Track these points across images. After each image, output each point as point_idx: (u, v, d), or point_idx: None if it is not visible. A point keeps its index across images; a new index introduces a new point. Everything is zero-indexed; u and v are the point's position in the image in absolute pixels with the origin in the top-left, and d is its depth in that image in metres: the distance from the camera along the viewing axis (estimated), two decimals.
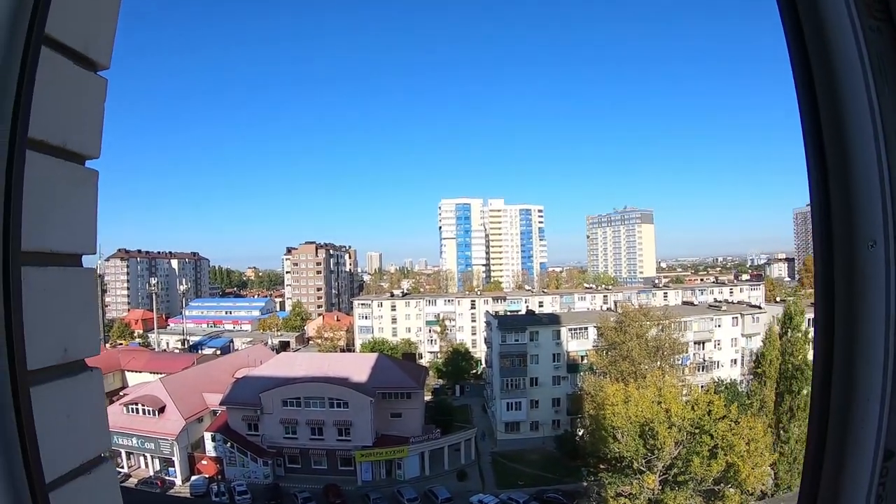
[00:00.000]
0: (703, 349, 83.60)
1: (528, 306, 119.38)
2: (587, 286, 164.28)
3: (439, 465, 68.62)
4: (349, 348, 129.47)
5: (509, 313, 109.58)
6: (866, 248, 2.13)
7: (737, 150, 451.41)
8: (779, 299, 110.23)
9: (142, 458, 68.70)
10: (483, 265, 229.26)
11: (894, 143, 2.08)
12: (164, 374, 78.08)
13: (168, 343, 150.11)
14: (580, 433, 70.99)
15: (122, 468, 66.67)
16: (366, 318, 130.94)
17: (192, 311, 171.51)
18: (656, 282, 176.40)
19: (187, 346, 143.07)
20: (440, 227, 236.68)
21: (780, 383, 58.75)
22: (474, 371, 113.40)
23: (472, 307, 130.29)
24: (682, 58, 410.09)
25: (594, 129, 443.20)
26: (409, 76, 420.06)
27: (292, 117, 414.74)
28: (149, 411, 68.08)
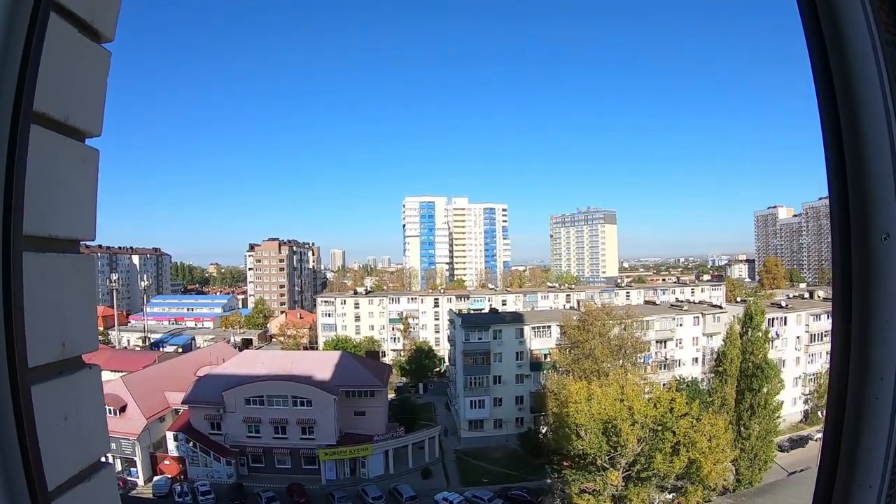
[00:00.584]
0: (665, 348, 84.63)
1: (491, 305, 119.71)
2: (550, 285, 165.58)
3: (403, 464, 68.49)
4: (312, 346, 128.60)
5: (473, 312, 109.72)
6: (881, 242, 2.21)
7: (700, 153, 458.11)
8: (739, 299, 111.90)
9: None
10: (447, 263, 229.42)
11: None
12: (124, 373, 76.19)
13: (129, 340, 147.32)
14: (544, 431, 71.38)
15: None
16: (329, 315, 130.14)
17: (153, 307, 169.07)
18: (619, 281, 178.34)
19: (148, 343, 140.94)
20: (404, 225, 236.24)
21: (741, 381, 59.90)
22: (438, 369, 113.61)
23: (436, 305, 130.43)
24: (649, 60, 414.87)
25: (559, 129, 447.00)
26: (373, 73, 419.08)
27: (255, 113, 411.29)
28: (110, 410, 66.43)
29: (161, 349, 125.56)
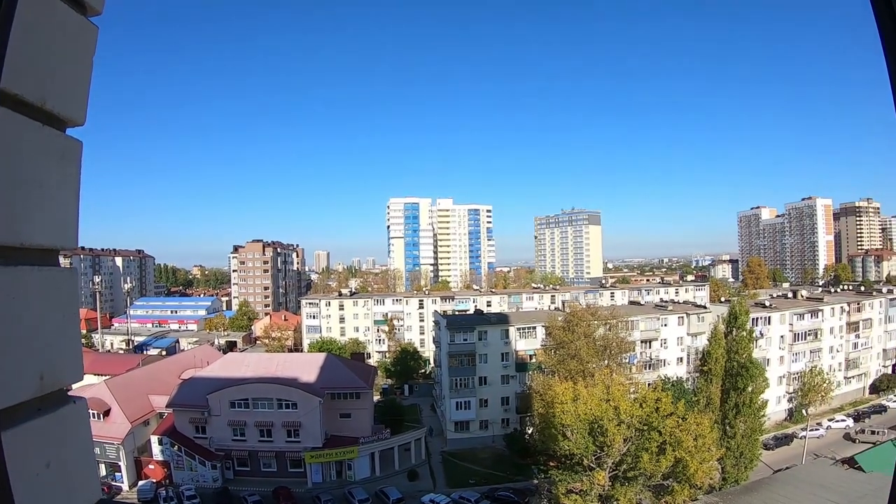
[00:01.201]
0: (650, 348, 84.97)
1: (476, 306, 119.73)
2: (535, 286, 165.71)
3: (390, 466, 68.26)
4: (297, 348, 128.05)
5: (458, 313, 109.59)
6: None
7: (684, 154, 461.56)
8: (723, 299, 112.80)
9: None
10: (431, 265, 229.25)
11: None
12: (108, 376, 75.47)
13: (112, 343, 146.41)
14: (530, 431, 71.25)
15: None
16: (314, 317, 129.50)
17: (136, 310, 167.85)
18: (603, 282, 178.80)
19: (132, 346, 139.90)
20: (388, 227, 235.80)
21: (726, 380, 60.07)
22: (423, 370, 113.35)
23: (421, 307, 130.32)
24: (634, 62, 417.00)
25: (544, 131, 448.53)
26: (358, 76, 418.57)
27: (240, 115, 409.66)
28: (93, 415, 65.44)
29: (145, 352, 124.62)
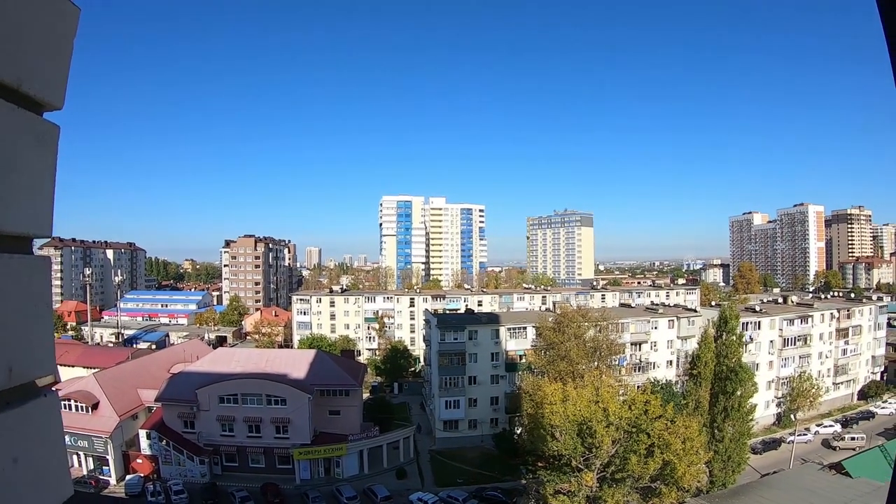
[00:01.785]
0: (640, 350, 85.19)
1: (467, 305, 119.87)
2: (526, 286, 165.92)
3: (378, 464, 68.16)
4: (287, 344, 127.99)
5: (448, 312, 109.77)
6: None
7: (677, 158, 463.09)
8: (714, 303, 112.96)
9: (74, 457, 65.76)
10: (423, 263, 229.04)
11: None
12: (97, 369, 75.42)
13: (102, 336, 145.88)
14: (518, 431, 71.27)
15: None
16: (304, 313, 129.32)
17: (127, 303, 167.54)
18: (594, 284, 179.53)
19: (121, 339, 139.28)
20: (381, 224, 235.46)
21: (715, 384, 60.25)
22: (413, 369, 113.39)
23: (412, 305, 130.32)
24: (629, 65, 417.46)
25: (538, 132, 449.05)
26: (352, 73, 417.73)
27: (233, 109, 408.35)
28: (82, 408, 65.36)
29: (134, 346, 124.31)
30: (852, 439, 76.91)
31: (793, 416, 78.82)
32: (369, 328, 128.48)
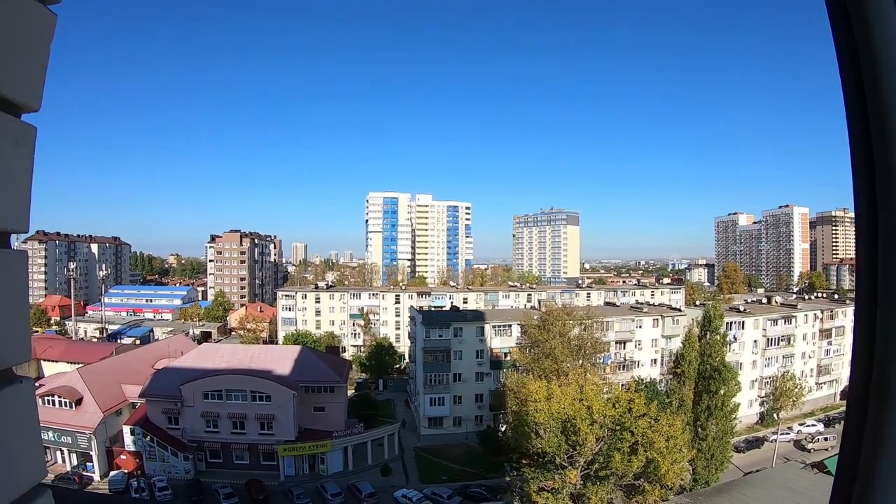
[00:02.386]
0: (625, 349, 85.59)
1: (452, 302, 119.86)
2: (512, 284, 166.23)
3: (363, 460, 68.07)
4: (272, 340, 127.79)
5: (434, 309, 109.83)
6: None
7: (663, 159, 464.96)
8: (698, 303, 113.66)
9: (58, 453, 65.45)
10: (409, 260, 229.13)
11: None
12: (81, 364, 74.81)
13: (86, 331, 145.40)
14: (503, 429, 71.42)
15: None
16: (289, 309, 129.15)
17: (111, 298, 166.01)
18: (580, 282, 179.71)
19: (106, 334, 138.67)
20: (367, 221, 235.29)
21: (699, 383, 60.53)
22: (398, 365, 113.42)
23: (397, 302, 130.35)
24: (615, 65, 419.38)
25: (525, 130, 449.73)
26: (340, 68, 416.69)
27: (219, 104, 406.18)
28: (65, 403, 64.91)
29: (119, 341, 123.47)
30: (825, 439, 77.59)
31: (776, 415, 79.35)
32: (354, 325, 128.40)
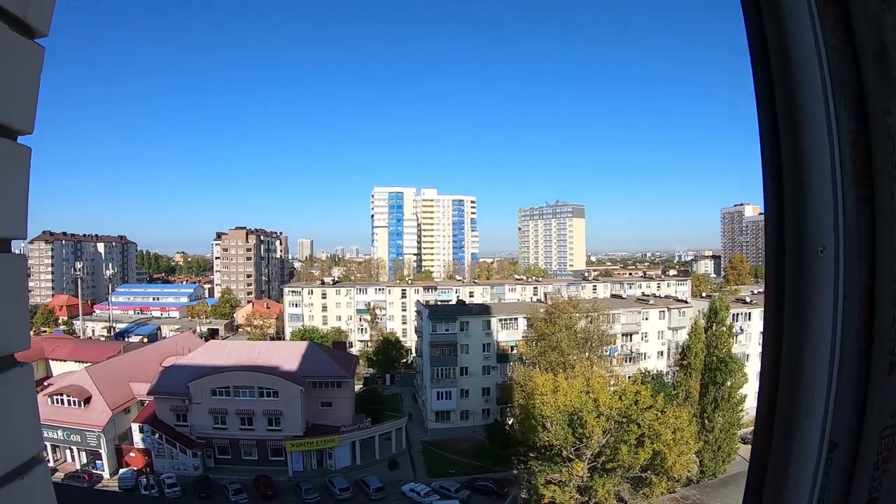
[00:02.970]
0: (631, 341, 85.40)
1: (458, 296, 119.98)
2: (518, 277, 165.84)
3: (370, 455, 68.29)
4: (279, 336, 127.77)
5: (440, 303, 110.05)
6: (816, 254, 2.32)
7: (669, 149, 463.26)
8: (704, 294, 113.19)
9: (67, 452, 66.01)
10: (414, 254, 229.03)
11: (847, 154, 2.29)
12: (89, 363, 75.02)
13: (93, 330, 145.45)
14: (510, 422, 71.61)
15: (48, 462, 63.95)
16: (296, 305, 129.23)
17: (118, 297, 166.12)
18: (586, 275, 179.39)
19: (113, 333, 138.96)
20: (372, 216, 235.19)
21: (705, 375, 60.61)
22: (405, 360, 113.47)
23: (403, 296, 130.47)
24: (619, 56, 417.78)
25: (529, 123, 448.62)
26: (342, 63, 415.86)
27: (223, 102, 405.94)
28: (74, 402, 65.34)
29: (126, 339, 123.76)
30: None
31: None
32: (361, 320, 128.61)
